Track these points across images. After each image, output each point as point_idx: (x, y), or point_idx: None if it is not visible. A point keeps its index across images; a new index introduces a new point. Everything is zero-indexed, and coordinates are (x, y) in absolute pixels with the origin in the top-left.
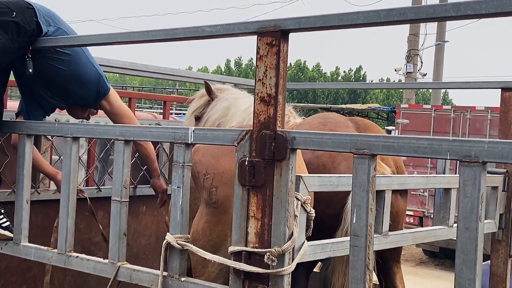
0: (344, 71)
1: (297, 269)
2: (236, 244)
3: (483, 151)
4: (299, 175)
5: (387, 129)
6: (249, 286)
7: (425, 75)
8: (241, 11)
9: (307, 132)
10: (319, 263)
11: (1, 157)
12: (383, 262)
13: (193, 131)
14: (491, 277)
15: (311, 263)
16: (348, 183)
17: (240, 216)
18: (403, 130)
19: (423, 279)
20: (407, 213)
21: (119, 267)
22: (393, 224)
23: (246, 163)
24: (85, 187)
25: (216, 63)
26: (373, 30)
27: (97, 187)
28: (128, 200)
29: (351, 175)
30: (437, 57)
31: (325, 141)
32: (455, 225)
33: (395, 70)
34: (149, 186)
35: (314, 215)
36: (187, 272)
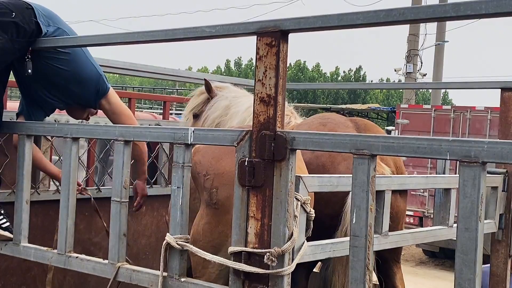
0: (344, 71)
1: (297, 270)
2: (235, 244)
3: (482, 151)
4: (299, 175)
5: (387, 129)
6: (249, 286)
7: (425, 75)
8: (241, 11)
9: (306, 132)
10: (319, 263)
11: (1, 157)
12: (383, 262)
13: (193, 132)
14: (491, 277)
15: (311, 264)
16: (348, 183)
17: (240, 216)
18: (403, 130)
19: (423, 279)
20: (407, 213)
21: (119, 267)
22: (393, 224)
23: (246, 164)
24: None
25: (216, 63)
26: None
27: (97, 187)
28: (128, 200)
29: (350, 175)
30: (437, 57)
31: (324, 141)
32: (455, 225)
33: (395, 70)
34: (149, 186)
35: (314, 215)
36: (187, 272)
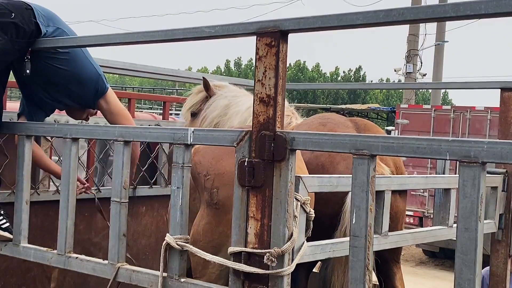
0: (343, 71)
1: (297, 270)
2: (235, 244)
3: (482, 151)
4: (299, 175)
5: (387, 129)
6: (248, 286)
7: (424, 75)
8: (241, 11)
9: (306, 132)
10: (318, 263)
11: (1, 158)
12: (383, 262)
13: (193, 132)
14: (491, 277)
15: (310, 264)
16: (347, 183)
17: (239, 216)
18: (403, 130)
19: (423, 279)
20: (407, 213)
21: (119, 267)
22: (392, 224)
23: (245, 164)
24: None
25: (215, 63)
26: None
27: (96, 188)
28: (127, 201)
29: (350, 175)
30: (436, 57)
31: (324, 141)
32: (455, 225)
33: (395, 70)
34: (148, 187)
35: (313, 215)
36: (187, 273)
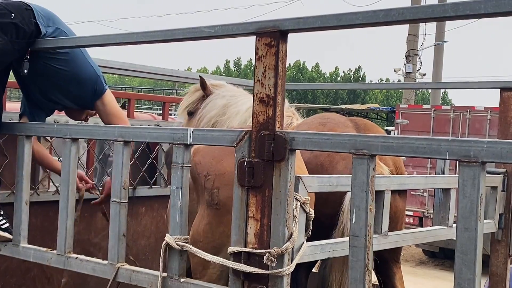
0: (343, 72)
1: (298, 270)
2: (235, 244)
3: (482, 151)
4: (298, 175)
5: (386, 130)
6: (248, 286)
7: (424, 75)
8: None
9: (306, 132)
10: (318, 263)
11: (1, 158)
12: (383, 262)
13: (192, 132)
14: (490, 277)
15: (310, 263)
16: (347, 183)
17: (239, 216)
18: (403, 130)
19: (423, 279)
20: (407, 213)
21: (119, 268)
22: (392, 224)
23: (245, 164)
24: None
25: (215, 63)
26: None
27: (96, 188)
28: (127, 201)
29: (350, 175)
30: (436, 57)
31: (324, 141)
32: (455, 225)
33: (395, 70)
34: (148, 187)
35: (313, 215)
36: (187, 273)
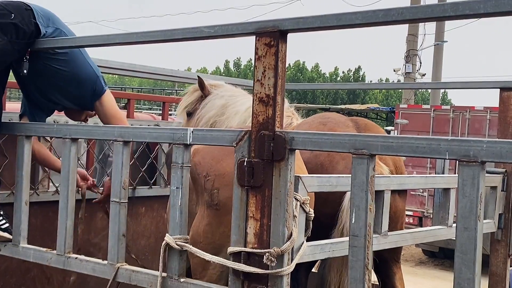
0: (343, 72)
1: (298, 270)
2: (235, 244)
3: (481, 150)
4: (298, 175)
5: (386, 130)
6: (248, 286)
7: (424, 75)
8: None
9: (305, 132)
10: (317, 263)
11: (0, 158)
12: (383, 262)
13: (192, 132)
14: (490, 277)
15: (310, 263)
16: (347, 183)
17: (239, 216)
18: (402, 130)
19: (423, 279)
20: (407, 213)
21: (118, 268)
22: (392, 224)
23: (245, 164)
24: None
25: (215, 64)
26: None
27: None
28: (127, 201)
29: (350, 175)
30: (436, 57)
31: (323, 141)
32: (454, 225)
33: (394, 70)
34: (148, 187)
35: (313, 215)
36: (186, 273)
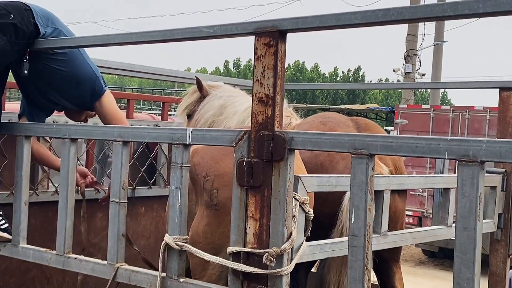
0: (342, 72)
1: (298, 270)
2: (234, 244)
3: (481, 150)
4: (298, 175)
5: (386, 130)
6: (247, 286)
7: (423, 75)
8: (240, 12)
9: (305, 132)
10: (316, 262)
11: (0, 158)
12: (383, 262)
13: (191, 132)
14: (490, 277)
15: (309, 263)
16: (346, 183)
17: (238, 216)
18: (402, 130)
19: (423, 279)
20: (407, 213)
21: (118, 268)
22: (391, 224)
23: (244, 164)
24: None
25: (214, 64)
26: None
27: (95, 188)
28: (126, 201)
29: (349, 175)
30: (435, 57)
31: (323, 141)
32: (454, 225)
33: (394, 70)
34: (148, 187)
35: (312, 215)
36: (186, 273)
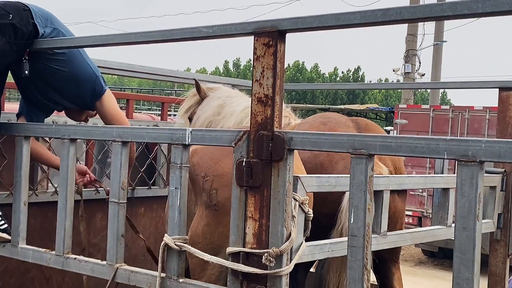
0: (342, 72)
1: (298, 270)
2: (234, 245)
3: (480, 150)
4: (297, 175)
5: (385, 130)
6: (247, 287)
7: (423, 75)
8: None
9: (304, 132)
10: (315, 262)
11: None
12: (382, 262)
13: (191, 132)
14: (490, 277)
15: (309, 263)
16: (346, 183)
17: (237, 217)
18: (402, 130)
19: (422, 279)
20: (406, 213)
21: (117, 268)
22: (391, 224)
23: (243, 164)
24: (83, 189)
25: (214, 64)
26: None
27: (95, 189)
28: (126, 201)
29: (349, 175)
30: (435, 57)
31: (322, 141)
32: (454, 224)
33: (394, 70)
34: (147, 187)
35: (312, 215)
36: (185, 273)
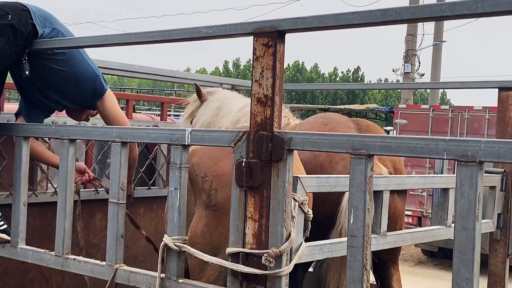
0: (342, 72)
1: (297, 270)
2: (233, 245)
3: (480, 150)
4: (297, 176)
5: (385, 130)
6: (246, 287)
7: (423, 75)
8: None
9: (304, 132)
10: (313, 262)
11: None
12: (381, 263)
13: (190, 132)
14: (489, 277)
15: (308, 263)
16: (346, 183)
17: (237, 217)
18: (401, 130)
19: (422, 279)
20: (406, 213)
21: (117, 269)
22: (391, 225)
23: (243, 164)
24: (83, 189)
25: (214, 64)
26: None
27: (94, 189)
28: (125, 202)
29: (348, 175)
30: (434, 57)
31: (322, 141)
32: (453, 225)
33: (393, 70)
34: (147, 188)
35: (311, 216)
36: (185, 274)
